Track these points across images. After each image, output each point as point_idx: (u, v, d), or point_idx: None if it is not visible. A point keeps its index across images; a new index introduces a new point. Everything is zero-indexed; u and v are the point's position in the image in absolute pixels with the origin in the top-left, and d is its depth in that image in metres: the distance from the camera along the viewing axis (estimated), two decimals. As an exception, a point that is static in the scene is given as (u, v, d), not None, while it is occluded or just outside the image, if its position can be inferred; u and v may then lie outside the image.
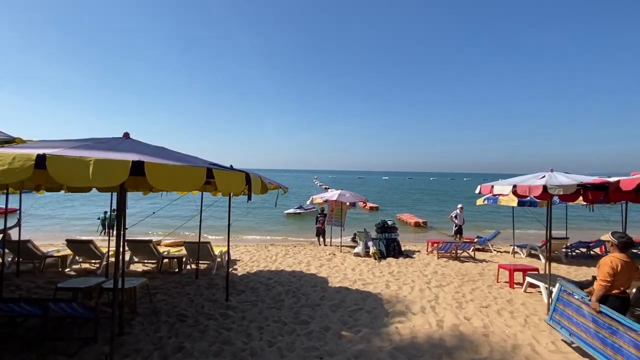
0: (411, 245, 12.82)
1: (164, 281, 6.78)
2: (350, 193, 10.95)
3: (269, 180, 5.12)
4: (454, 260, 9.58)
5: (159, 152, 3.57)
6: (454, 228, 12.22)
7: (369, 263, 8.84)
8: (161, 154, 3.38)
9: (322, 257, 9.62)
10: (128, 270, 7.66)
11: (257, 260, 9.03)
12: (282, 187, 5.46)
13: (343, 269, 8.17)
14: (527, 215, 12.37)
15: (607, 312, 3.44)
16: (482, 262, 9.44)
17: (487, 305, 5.64)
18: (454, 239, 12.51)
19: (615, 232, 3.73)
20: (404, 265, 8.66)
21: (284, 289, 6.31)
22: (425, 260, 9.54)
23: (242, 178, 3.55)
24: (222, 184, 3.27)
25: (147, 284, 5.51)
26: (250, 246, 12.26)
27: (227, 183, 3.32)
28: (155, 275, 7.28)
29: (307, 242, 14.16)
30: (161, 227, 18.69)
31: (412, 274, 7.77)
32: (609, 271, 3.47)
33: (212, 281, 6.76)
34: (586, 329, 3.68)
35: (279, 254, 10.01)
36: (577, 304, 3.88)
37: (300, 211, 24.79)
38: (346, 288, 6.44)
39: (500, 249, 11.88)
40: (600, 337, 3.48)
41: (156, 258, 7.71)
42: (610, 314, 3.41)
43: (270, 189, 5.02)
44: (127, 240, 7.42)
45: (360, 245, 9.92)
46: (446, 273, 7.95)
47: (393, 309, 5.37)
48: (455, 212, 12.17)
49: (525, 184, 4.87)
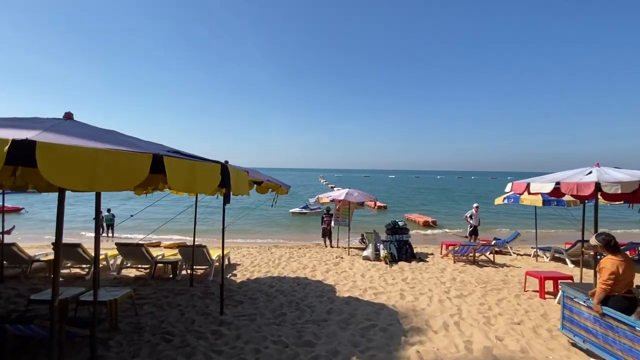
0: (422, 247, 12.07)
1: (155, 289, 6.18)
2: (359, 192, 10.24)
3: (268, 179, 4.46)
4: (472, 264, 8.82)
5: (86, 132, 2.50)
6: (468, 229, 11.44)
7: (379, 268, 8.13)
8: (88, 135, 2.37)
9: (328, 261, 8.95)
10: (119, 275, 7.09)
11: (259, 265, 8.39)
12: (283, 186, 4.78)
13: (352, 274, 7.48)
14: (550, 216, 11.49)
15: (611, 314, 3.41)
16: (502, 267, 8.66)
17: (520, 321, 4.90)
18: (469, 240, 11.74)
19: (599, 234, 3.70)
20: (418, 271, 7.93)
21: (286, 299, 5.65)
22: (440, 264, 8.80)
23: (215, 172, 2.76)
24: (178, 178, 2.38)
25: (132, 295, 4.89)
26: (252, 248, 11.65)
27: (186, 178, 2.43)
28: (147, 281, 6.68)
29: (312, 243, 13.52)
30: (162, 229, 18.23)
31: (428, 281, 7.04)
32: (610, 274, 3.44)
33: (207, 289, 6.13)
34: (595, 333, 3.63)
35: (283, 257, 9.36)
36: (581, 309, 3.84)
37: (306, 211, 24.23)
38: (356, 299, 5.74)
39: (520, 252, 11.07)
40: (610, 340, 3.43)
41: (149, 263, 7.12)
42: (614, 315, 3.36)
43: (269, 188, 4.36)
44: (117, 244, 6.86)
45: (369, 248, 9.21)
46: (465, 280, 7.20)
47: (411, 325, 4.66)
48: (470, 211, 11.39)
49: (571, 181, 4.12)
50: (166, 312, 4.98)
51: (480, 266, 8.69)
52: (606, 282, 3.46)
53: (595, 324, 3.60)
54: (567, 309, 4.09)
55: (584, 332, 3.80)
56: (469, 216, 11.29)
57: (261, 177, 4.19)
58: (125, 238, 15.90)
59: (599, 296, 3.53)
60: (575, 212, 11.89)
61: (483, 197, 44.74)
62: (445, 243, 10.41)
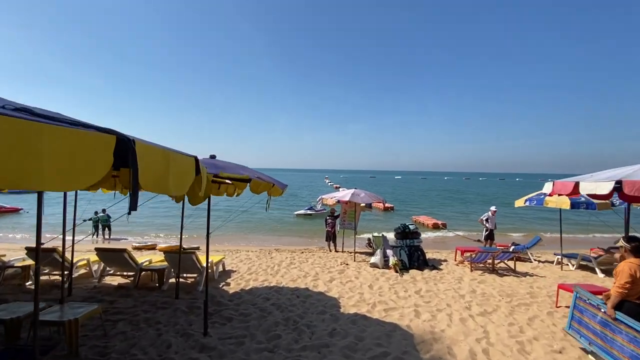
0: (433, 252, 11.23)
1: (136, 300, 5.47)
2: (365, 192, 9.44)
3: (258, 176, 3.72)
4: (491, 273, 7.97)
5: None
6: (484, 232, 10.57)
7: (389, 277, 7.33)
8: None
9: (332, 268, 8.17)
10: (100, 284, 6.40)
11: (256, 272, 7.64)
12: (277, 185, 4.02)
13: (358, 285, 6.69)
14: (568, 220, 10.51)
15: (624, 320, 3.31)
16: (525, 277, 7.79)
17: (561, 348, 4.08)
18: (484, 245, 10.87)
19: (628, 237, 3.59)
20: (432, 281, 7.11)
21: (282, 316, 4.88)
22: (455, 273, 7.96)
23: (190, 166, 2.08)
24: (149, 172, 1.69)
25: (100, 313, 4.18)
26: (252, 252, 10.92)
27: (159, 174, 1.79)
28: (130, 291, 5.98)
29: (316, 247, 12.76)
30: (162, 230, 17.66)
31: (444, 293, 6.22)
32: (628, 278, 3.34)
33: (194, 303, 5.39)
34: (603, 337, 3.56)
35: (283, 263, 8.61)
36: (593, 311, 3.76)
37: (311, 212, 23.53)
38: (364, 316, 4.95)
39: (541, 258, 10.17)
40: (618, 345, 3.35)
41: (133, 270, 6.42)
42: (627, 322, 3.28)
43: (260, 187, 3.61)
44: (96, 249, 6.18)
45: (377, 254, 8.41)
46: (487, 292, 6.37)
47: (430, 354, 3.86)
48: (486, 214, 10.52)
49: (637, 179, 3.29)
50: (141, 332, 4.26)
51: (500, 275, 7.83)
52: (623, 287, 3.35)
53: (605, 328, 3.53)
54: (577, 310, 4.04)
55: (592, 334, 3.74)
56: (485, 219, 10.43)
57: (249, 174, 3.46)
58: (121, 240, 15.30)
59: (613, 300, 3.43)
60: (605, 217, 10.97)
61: (494, 199, 43.60)
62: (460, 249, 9.55)
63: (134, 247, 12.07)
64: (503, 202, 36.97)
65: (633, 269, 3.34)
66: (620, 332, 3.35)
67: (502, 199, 42.05)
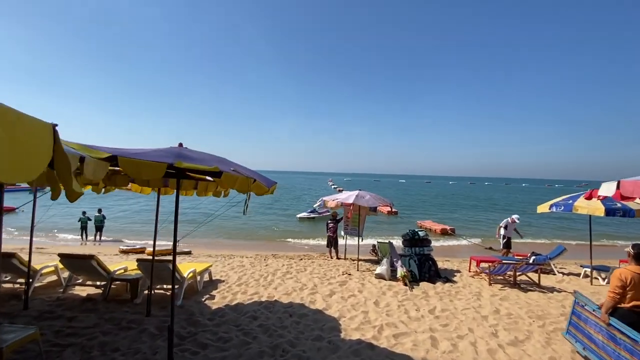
0: (442, 260, 10.31)
1: (99, 317, 4.63)
2: (370, 195, 8.55)
3: (234, 169, 2.88)
4: (513, 287, 7.04)
5: None
6: (502, 241, 9.64)
7: (397, 291, 6.42)
8: None
9: (333, 279, 7.28)
10: (64, 295, 5.58)
11: (246, 283, 6.78)
12: (260, 182, 3.16)
13: (362, 300, 5.80)
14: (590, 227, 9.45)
15: (617, 326, 3.30)
16: (552, 292, 6.84)
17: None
18: (502, 254, 9.92)
19: (636, 244, 3.50)
20: (447, 297, 6.19)
21: (270, 342, 4.00)
22: (472, 286, 7.04)
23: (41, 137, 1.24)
24: None
25: (37, 338, 3.34)
26: (246, 258, 10.08)
27: None
28: (97, 305, 5.14)
29: (316, 253, 11.89)
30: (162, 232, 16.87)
31: (463, 314, 5.30)
32: (617, 283, 3.37)
33: (167, 322, 4.54)
34: (596, 342, 3.58)
35: (278, 272, 7.74)
36: (588, 316, 3.79)
37: (314, 215, 22.69)
38: (369, 344, 4.05)
39: (564, 270, 9.19)
40: (610, 350, 3.37)
41: (104, 279, 5.60)
42: (619, 327, 3.26)
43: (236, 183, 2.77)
44: (60, 255, 5.36)
45: (383, 263, 7.50)
46: (513, 312, 5.43)
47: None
48: (505, 220, 9.59)
49: None
50: (90, 363, 3.41)
51: (523, 290, 6.89)
52: (613, 291, 3.40)
53: (599, 333, 3.57)
54: (575, 315, 4.08)
55: (586, 339, 3.79)
56: (504, 226, 9.50)
57: (223, 168, 2.62)
58: (112, 242, 14.54)
59: (606, 305, 3.47)
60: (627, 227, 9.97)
61: (506, 205, 42.40)
62: (475, 258, 8.62)
63: (121, 251, 11.29)
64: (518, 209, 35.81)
65: (624, 275, 3.36)
66: (613, 338, 3.36)
67: (510, 204, 40.87)
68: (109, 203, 26.63)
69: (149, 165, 2.30)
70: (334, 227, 10.29)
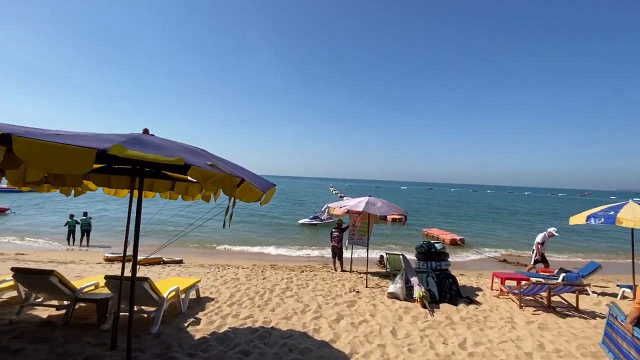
0: (457, 275, 9.31)
1: (50, 352, 3.69)
2: (383, 202, 7.61)
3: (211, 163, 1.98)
4: (548, 311, 6.08)
5: None
6: (534, 257, 8.69)
7: (416, 316, 5.45)
8: None
9: (339, 297, 6.34)
10: (18, 317, 4.62)
11: (240, 301, 5.82)
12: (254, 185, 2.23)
13: (377, 328, 4.83)
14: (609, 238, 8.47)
15: None
16: (595, 318, 5.88)
17: None
18: (527, 270, 8.96)
19: None
20: (476, 324, 5.22)
21: (263, 394, 3.06)
22: (500, 309, 6.08)
23: None
24: None
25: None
26: (242, 268, 9.14)
27: None
28: (54, 332, 4.19)
29: (319, 264, 10.94)
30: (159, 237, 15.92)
31: (501, 349, 4.33)
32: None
33: (136, 357, 3.60)
34: (626, 354, 3.51)
35: (277, 288, 6.79)
36: (619, 327, 3.73)
37: (316, 222, 21.77)
38: (393, 399, 3.10)
39: (597, 290, 8.21)
40: None
41: (68, 298, 4.66)
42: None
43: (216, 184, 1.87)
44: (13, 269, 4.44)
45: (397, 281, 6.54)
46: (560, 347, 4.47)
47: None
48: (542, 235, 8.66)
49: None
50: None
51: (560, 315, 5.93)
52: (639, 302, 3.32)
53: (631, 347, 3.45)
54: (609, 326, 4.02)
55: (617, 350, 3.74)
56: (541, 243, 8.58)
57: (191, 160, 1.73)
58: (99, 247, 13.56)
59: (631, 316, 3.43)
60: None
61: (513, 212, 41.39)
62: (499, 275, 7.63)
63: (106, 259, 10.34)
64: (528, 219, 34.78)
65: None
66: (637, 349, 3.30)
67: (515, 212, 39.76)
68: (113, 204, 25.71)
69: (67, 151, 1.41)
70: (339, 237, 9.34)
